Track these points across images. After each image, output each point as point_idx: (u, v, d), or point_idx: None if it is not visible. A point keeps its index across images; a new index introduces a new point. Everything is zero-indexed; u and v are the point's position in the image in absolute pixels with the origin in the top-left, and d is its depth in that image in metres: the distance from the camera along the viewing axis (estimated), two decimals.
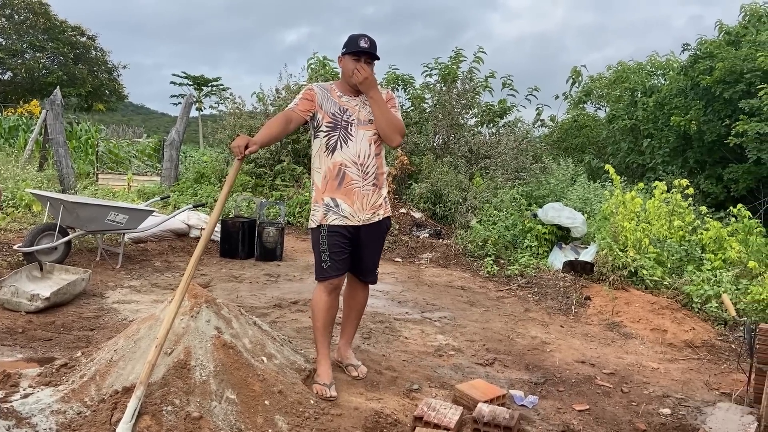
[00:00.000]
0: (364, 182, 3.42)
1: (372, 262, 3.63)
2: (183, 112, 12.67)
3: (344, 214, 3.40)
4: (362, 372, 3.66)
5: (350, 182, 3.40)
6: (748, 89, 11.55)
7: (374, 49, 3.41)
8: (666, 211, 7.25)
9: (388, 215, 3.56)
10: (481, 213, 8.56)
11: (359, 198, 3.42)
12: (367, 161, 3.43)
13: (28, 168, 10.52)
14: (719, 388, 4.15)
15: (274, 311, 5.05)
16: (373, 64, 3.45)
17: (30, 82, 26.94)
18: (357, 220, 3.42)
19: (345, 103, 3.47)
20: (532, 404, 3.58)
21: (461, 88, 11.46)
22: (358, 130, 3.43)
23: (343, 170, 3.40)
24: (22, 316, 4.37)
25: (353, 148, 3.41)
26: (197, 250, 3.04)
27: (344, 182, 3.40)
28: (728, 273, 6.06)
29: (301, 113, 3.44)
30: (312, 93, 3.46)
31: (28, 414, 2.75)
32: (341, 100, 3.48)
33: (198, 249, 3.05)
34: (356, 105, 3.48)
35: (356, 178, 3.41)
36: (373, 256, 3.62)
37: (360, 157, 3.41)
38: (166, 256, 6.89)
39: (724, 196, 12.41)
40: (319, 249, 3.42)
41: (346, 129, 3.42)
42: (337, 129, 3.43)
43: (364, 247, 3.52)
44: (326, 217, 3.40)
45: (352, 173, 3.40)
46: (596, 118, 17.00)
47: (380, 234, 3.59)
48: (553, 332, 5.14)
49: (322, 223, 3.41)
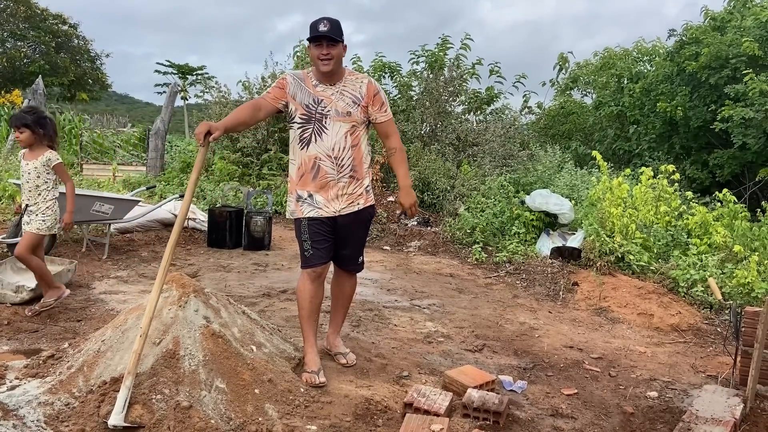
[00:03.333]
0: (339, 175, 3.38)
1: (354, 251, 3.60)
2: (168, 101, 12.54)
3: (318, 206, 3.38)
4: (351, 360, 3.66)
5: (325, 176, 3.37)
6: (734, 75, 11.63)
7: (334, 31, 3.28)
8: (652, 196, 7.30)
9: (370, 204, 3.50)
10: (469, 200, 8.57)
11: (334, 190, 3.38)
12: (342, 154, 3.36)
13: (10, 159, 10.38)
14: (705, 371, 4.20)
15: (263, 300, 5.03)
16: (338, 45, 3.31)
17: (11, 72, 26.51)
18: (332, 211, 3.39)
19: (320, 93, 3.38)
20: (521, 389, 3.60)
21: (448, 75, 11.43)
22: (333, 122, 3.35)
23: (318, 164, 3.36)
24: (7, 308, 4.32)
25: (328, 141, 3.35)
26: (172, 238, 2.99)
27: (319, 176, 3.37)
28: (714, 257, 6.12)
29: (271, 101, 3.39)
30: (284, 82, 3.41)
31: (15, 406, 2.72)
32: (316, 89, 3.38)
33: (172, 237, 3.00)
34: (332, 95, 3.37)
35: (331, 171, 3.36)
36: (354, 245, 3.58)
37: (335, 150, 3.35)
38: (152, 246, 6.84)
39: (709, 182, 12.52)
40: (301, 238, 3.42)
41: (320, 121, 3.36)
42: (311, 122, 3.36)
43: (345, 237, 3.49)
44: (302, 209, 3.40)
45: (327, 166, 3.36)
46: (583, 104, 17.04)
47: (361, 223, 3.53)
48: (541, 318, 5.17)
49: (298, 216, 3.41)
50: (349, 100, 3.38)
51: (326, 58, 3.28)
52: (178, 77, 30.93)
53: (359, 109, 3.40)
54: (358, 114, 3.40)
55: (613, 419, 3.36)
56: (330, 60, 3.29)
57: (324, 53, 3.27)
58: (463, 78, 11.62)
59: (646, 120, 13.88)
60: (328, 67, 3.30)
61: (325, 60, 3.28)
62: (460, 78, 11.55)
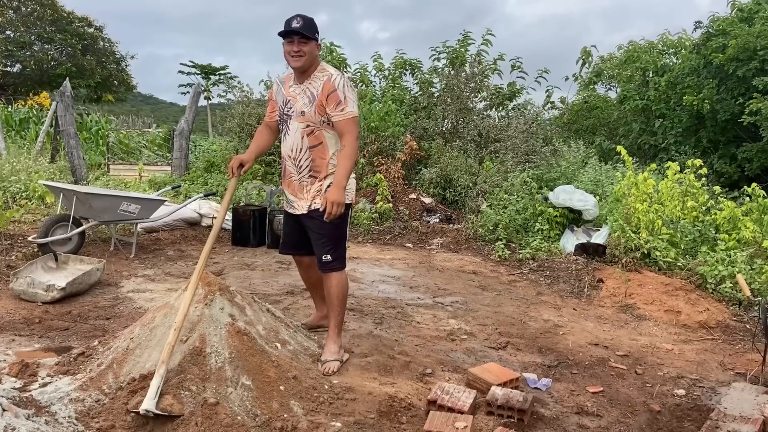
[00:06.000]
0: (299, 175, 3.45)
1: (318, 249, 3.50)
2: (191, 101, 12.67)
3: (290, 203, 3.56)
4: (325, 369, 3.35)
5: (289, 175, 3.51)
6: (762, 67, 11.39)
7: (306, 28, 3.26)
8: (679, 191, 7.18)
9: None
10: (492, 197, 8.52)
11: (298, 189, 3.48)
12: (299, 155, 3.41)
13: (40, 160, 10.57)
14: (734, 369, 4.13)
15: (287, 298, 5.07)
16: (309, 42, 3.29)
17: (39, 74, 26.99)
18: (297, 209, 3.51)
19: (290, 93, 3.41)
20: (546, 387, 3.58)
21: (470, 71, 11.36)
22: (293, 122, 3.39)
23: (284, 163, 3.52)
24: (39, 307, 4.42)
25: (288, 141, 3.45)
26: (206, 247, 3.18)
27: (285, 175, 3.54)
28: (743, 253, 6.01)
29: (270, 115, 3.60)
30: (271, 92, 3.59)
31: (47, 402, 2.79)
32: (290, 90, 3.43)
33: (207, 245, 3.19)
34: (298, 94, 3.39)
35: (292, 171, 3.48)
36: (316, 245, 3.50)
37: (293, 150, 3.42)
38: (178, 245, 6.94)
39: (738, 176, 12.28)
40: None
41: (286, 122, 3.45)
42: (282, 122, 3.49)
43: (310, 236, 3.55)
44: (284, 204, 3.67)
45: (289, 166, 3.49)
46: (607, 99, 16.80)
47: (314, 223, 3.45)
48: (565, 315, 5.13)
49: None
50: (306, 99, 3.36)
51: (297, 55, 3.31)
52: (201, 77, 31.23)
53: (314, 108, 3.33)
54: (313, 114, 3.34)
55: (640, 417, 3.32)
56: (301, 57, 3.30)
57: (295, 50, 3.30)
58: (484, 74, 11.55)
59: (672, 114, 13.66)
60: (298, 63, 3.32)
61: (296, 56, 3.31)
62: (482, 74, 11.47)
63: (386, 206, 8.58)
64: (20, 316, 4.22)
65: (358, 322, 4.47)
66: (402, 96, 11.08)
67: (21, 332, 3.93)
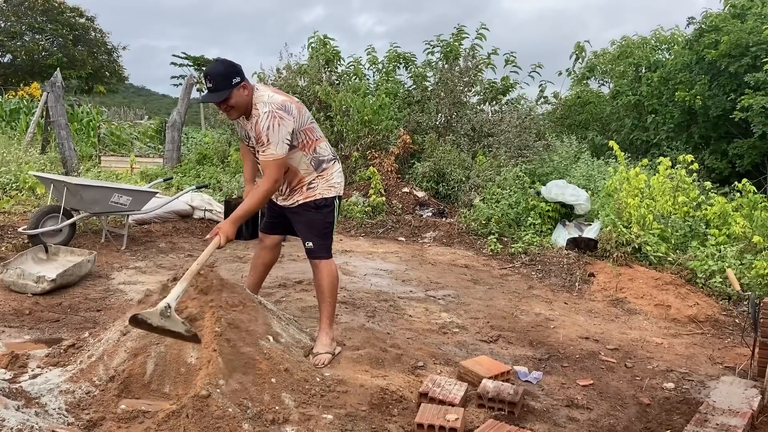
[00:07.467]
0: (282, 195, 3.62)
1: (303, 238, 3.64)
2: (184, 93, 12.61)
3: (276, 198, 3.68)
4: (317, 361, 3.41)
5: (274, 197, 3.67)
6: (754, 63, 11.42)
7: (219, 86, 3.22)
8: (670, 187, 7.22)
9: (311, 199, 3.53)
10: (485, 191, 8.54)
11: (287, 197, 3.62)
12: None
13: (30, 151, 10.50)
14: (723, 362, 4.17)
15: (279, 291, 5.07)
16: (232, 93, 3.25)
17: (30, 65, 26.77)
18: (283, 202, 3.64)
19: (247, 128, 3.46)
20: (537, 380, 3.60)
21: (464, 65, 11.35)
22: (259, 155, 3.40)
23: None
24: (29, 298, 4.40)
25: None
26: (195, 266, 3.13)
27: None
28: (733, 248, 6.05)
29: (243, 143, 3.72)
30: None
31: (37, 394, 2.78)
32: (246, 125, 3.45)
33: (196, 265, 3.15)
34: (249, 130, 3.44)
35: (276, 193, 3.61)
36: (302, 233, 3.63)
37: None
38: (170, 237, 6.91)
39: (728, 172, 12.34)
40: None
41: (255, 153, 3.52)
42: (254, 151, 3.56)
43: (295, 226, 3.67)
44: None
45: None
46: (600, 94, 16.84)
47: (294, 215, 3.62)
48: (557, 309, 5.15)
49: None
50: (254, 135, 3.40)
51: (227, 112, 3.37)
52: (194, 69, 31.04)
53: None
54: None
55: (629, 410, 3.35)
56: (232, 109, 3.34)
57: (223, 109, 3.36)
58: (478, 68, 11.54)
59: (665, 109, 13.70)
60: (234, 116, 3.41)
61: (228, 112, 3.37)
62: (476, 68, 11.46)
63: (379, 200, 8.58)
64: (10, 307, 4.19)
65: (351, 315, 4.48)
66: (395, 90, 11.05)
67: (11, 324, 3.91)
